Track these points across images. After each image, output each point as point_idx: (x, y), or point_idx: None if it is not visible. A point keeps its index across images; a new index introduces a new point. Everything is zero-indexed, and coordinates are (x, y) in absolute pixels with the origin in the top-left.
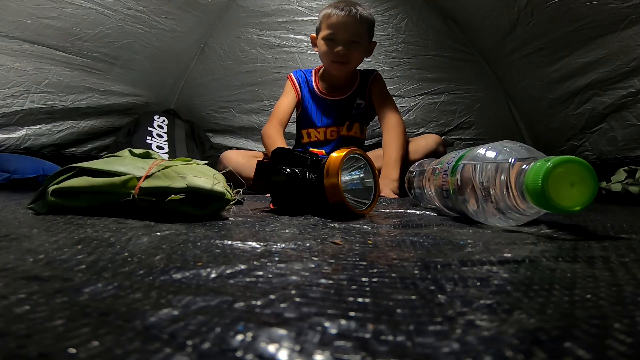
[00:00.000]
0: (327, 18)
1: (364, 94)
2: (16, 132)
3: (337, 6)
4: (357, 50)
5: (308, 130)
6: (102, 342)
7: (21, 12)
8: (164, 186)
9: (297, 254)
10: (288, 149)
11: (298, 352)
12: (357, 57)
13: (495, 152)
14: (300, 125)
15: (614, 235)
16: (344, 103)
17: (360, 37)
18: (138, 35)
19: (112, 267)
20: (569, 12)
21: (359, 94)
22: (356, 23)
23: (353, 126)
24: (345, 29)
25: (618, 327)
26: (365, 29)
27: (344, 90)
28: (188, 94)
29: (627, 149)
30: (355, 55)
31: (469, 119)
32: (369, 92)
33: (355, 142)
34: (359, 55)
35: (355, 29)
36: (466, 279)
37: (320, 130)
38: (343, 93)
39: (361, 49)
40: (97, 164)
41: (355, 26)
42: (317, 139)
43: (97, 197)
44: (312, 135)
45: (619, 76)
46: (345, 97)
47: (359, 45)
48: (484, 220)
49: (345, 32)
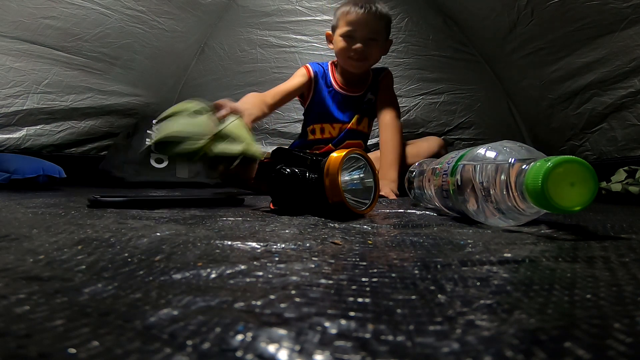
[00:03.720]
0: (345, 15)
1: (375, 90)
2: (16, 133)
3: (356, 3)
4: (374, 48)
5: (322, 125)
6: (102, 342)
7: (21, 12)
8: (226, 151)
9: (297, 254)
10: (288, 149)
11: (298, 352)
12: (374, 54)
13: (495, 152)
14: (313, 119)
15: (614, 235)
16: (358, 99)
17: (379, 34)
18: (138, 35)
19: (112, 267)
20: (569, 12)
21: (371, 89)
22: (375, 20)
23: (362, 120)
24: (364, 26)
25: (618, 327)
26: (383, 26)
27: (360, 87)
28: (188, 94)
29: (627, 149)
30: (373, 52)
31: (469, 119)
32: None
33: (362, 136)
34: (377, 53)
35: (374, 26)
36: (466, 279)
37: (336, 126)
38: (359, 89)
39: (379, 46)
40: (181, 131)
41: (374, 23)
42: (331, 135)
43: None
44: (326, 130)
45: (619, 76)
46: (361, 94)
47: (377, 43)
48: (484, 220)
49: (364, 29)
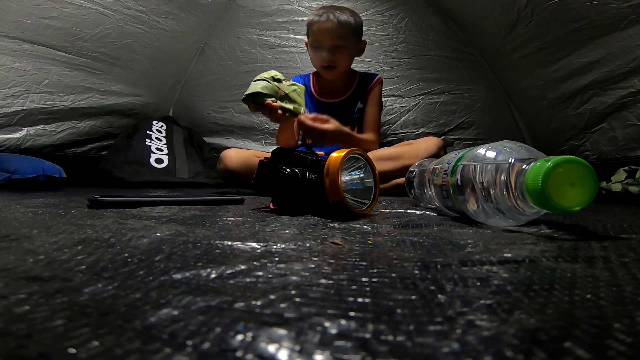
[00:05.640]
0: (310, 26)
1: (364, 97)
2: (16, 133)
3: (317, 13)
4: (342, 54)
5: None
6: (102, 342)
7: (21, 12)
8: (284, 106)
9: (297, 254)
10: (288, 149)
11: (298, 352)
12: (343, 61)
13: (495, 152)
14: None
15: (614, 235)
16: (341, 106)
17: (344, 40)
18: (138, 35)
19: (112, 267)
20: (569, 12)
21: (359, 97)
22: (336, 28)
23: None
24: (327, 35)
25: (618, 327)
26: (348, 32)
27: (341, 93)
28: (188, 94)
29: (627, 149)
30: (340, 59)
31: (469, 119)
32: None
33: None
34: (345, 59)
35: (337, 33)
36: (466, 279)
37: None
38: (340, 95)
39: (346, 52)
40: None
41: (335, 31)
42: None
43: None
44: None
45: (619, 76)
46: (342, 100)
47: (344, 49)
48: (484, 220)
49: (327, 38)
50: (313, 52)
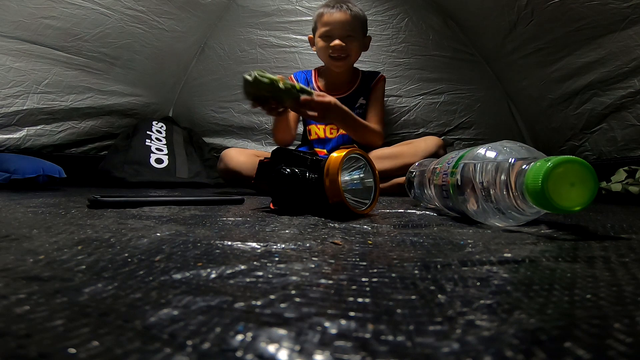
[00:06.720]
0: (321, 16)
1: (367, 93)
2: (16, 133)
3: (329, 4)
4: (353, 44)
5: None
6: (102, 342)
7: (21, 12)
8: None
9: (297, 254)
10: (288, 149)
11: (298, 352)
12: (354, 50)
13: (495, 152)
14: (306, 121)
15: (614, 235)
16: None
17: (355, 31)
18: (138, 35)
19: (112, 267)
20: (569, 12)
21: (362, 93)
22: (349, 18)
23: None
24: (340, 24)
25: (618, 327)
26: (358, 24)
27: (344, 89)
28: (188, 94)
29: (627, 149)
30: (352, 48)
31: (469, 119)
32: (371, 92)
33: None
34: (356, 48)
35: (349, 23)
36: (466, 279)
37: (320, 127)
38: (343, 91)
39: (357, 42)
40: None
41: (348, 21)
42: (318, 136)
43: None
44: (312, 132)
45: (619, 76)
46: (346, 96)
47: (355, 39)
48: (484, 220)
49: (340, 27)
50: (323, 41)
